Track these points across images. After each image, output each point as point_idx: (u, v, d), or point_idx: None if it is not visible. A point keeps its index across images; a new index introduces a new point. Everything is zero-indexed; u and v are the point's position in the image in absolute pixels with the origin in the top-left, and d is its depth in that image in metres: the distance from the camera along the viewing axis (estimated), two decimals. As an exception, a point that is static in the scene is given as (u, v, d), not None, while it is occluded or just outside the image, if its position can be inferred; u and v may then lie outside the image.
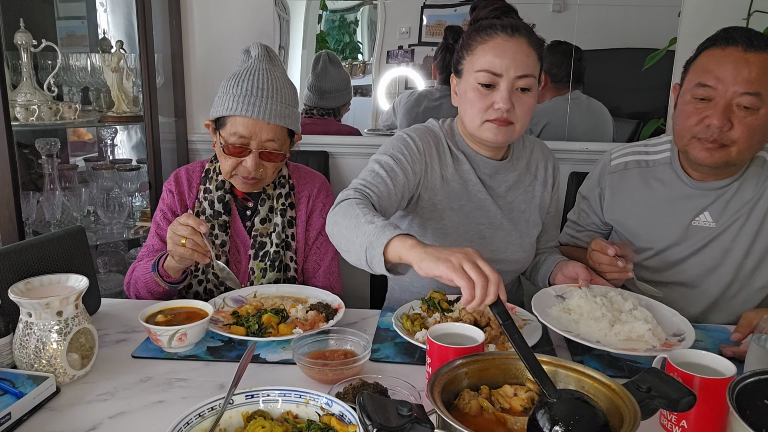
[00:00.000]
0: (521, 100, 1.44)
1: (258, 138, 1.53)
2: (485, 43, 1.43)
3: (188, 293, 1.65)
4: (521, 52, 1.41)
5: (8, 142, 1.84)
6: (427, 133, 1.55)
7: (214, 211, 1.64)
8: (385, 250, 1.11)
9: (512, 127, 1.46)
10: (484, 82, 1.42)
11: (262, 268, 1.64)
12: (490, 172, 1.59)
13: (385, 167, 1.44)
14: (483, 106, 1.44)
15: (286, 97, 1.56)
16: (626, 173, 1.68)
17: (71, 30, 2.63)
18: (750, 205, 1.55)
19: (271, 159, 1.57)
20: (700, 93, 1.45)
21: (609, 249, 1.46)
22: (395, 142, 1.52)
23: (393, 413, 0.77)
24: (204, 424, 0.94)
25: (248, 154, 1.54)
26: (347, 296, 1.58)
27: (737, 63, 1.39)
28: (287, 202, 1.68)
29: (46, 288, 1.20)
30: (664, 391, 0.88)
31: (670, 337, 1.31)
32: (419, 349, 1.31)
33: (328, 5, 2.83)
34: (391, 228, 1.13)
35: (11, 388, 1.07)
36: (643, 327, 1.28)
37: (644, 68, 2.38)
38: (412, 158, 1.48)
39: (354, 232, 1.19)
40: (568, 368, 0.96)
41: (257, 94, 1.52)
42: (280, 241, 1.65)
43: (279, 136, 1.55)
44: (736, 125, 1.42)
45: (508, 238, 1.60)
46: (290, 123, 1.57)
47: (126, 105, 2.28)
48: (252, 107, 1.51)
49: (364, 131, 2.79)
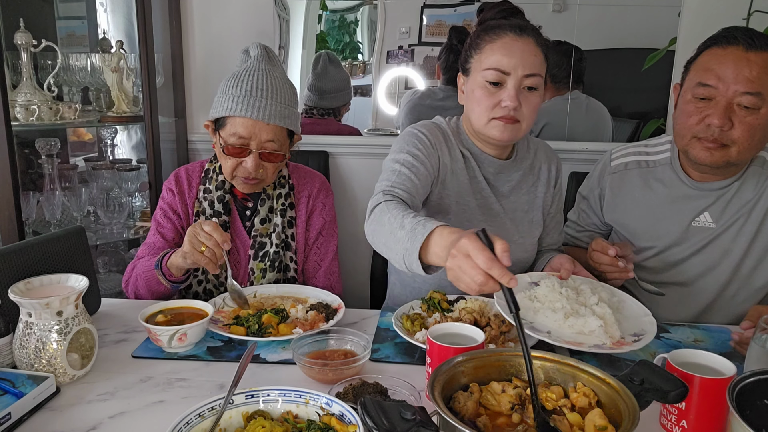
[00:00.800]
0: (528, 99, 1.45)
1: (257, 138, 1.52)
2: (493, 42, 1.44)
3: (188, 293, 1.65)
4: (529, 51, 1.43)
5: (8, 142, 1.84)
6: (435, 127, 1.56)
7: (214, 211, 1.64)
8: (421, 256, 1.10)
9: (518, 125, 1.46)
10: (492, 80, 1.44)
11: (261, 268, 1.64)
12: (495, 171, 1.59)
13: (406, 164, 1.44)
14: (490, 104, 1.45)
15: (285, 97, 1.56)
16: (626, 174, 1.68)
17: (71, 30, 2.63)
18: (750, 206, 1.55)
19: (271, 159, 1.57)
20: (700, 92, 1.44)
21: (610, 249, 1.45)
22: (407, 137, 1.52)
23: (396, 417, 0.77)
24: (204, 424, 0.94)
25: (248, 155, 1.54)
26: (347, 296, 1.58)
27: (738, 62, 1.39)
28: (287, 203, 1.68)
29: (46, 288, 1.20)
30: (656, 383, 0.90)
31: (629, 336, 1.26)
32: (419, 349, 1.31)
33: (328, 5, 2.83)
34: (419, 233, 1.10)
35: (11, 388, 1.07)
36: (595, 323, 1.23)
37: (644, 68, 2.38)
38: (427, 152, 1.49)
39: (391, 239, 1.19)
40: (567, 365, 0.97)
41: (256, 94, 1.51)
42: (279, 242, 1.65)
43: (278, 136, 1.55)
44: (736, 125, 1.41)
45: (510, 238, 1.60)
46: (290, 123, 1.57)
47: (126, 105, 2.28)
48: (251, 108, 1.51)
49: (364, 131, 2.79)
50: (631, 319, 1.34)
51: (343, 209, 2.42)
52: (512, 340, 1.35)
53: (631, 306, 1.39)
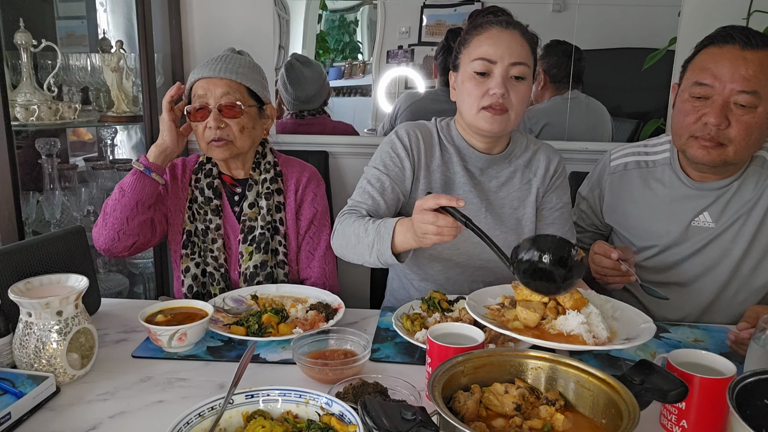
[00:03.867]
0: (516, 88, 1.48)
1: (213, 95, 1.59)
2: (480, 35, 1.50)
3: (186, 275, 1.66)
4: (515, 41, 1.47)
5: (8, 142, 1.83)
6: (416, 126, 1.62)
7: (205, 197, 1.67)
8: (393, 249, 1.34)
9: (507, 115, 1.49)
10: (479, 70, 1.48)
11: (249, 251, 1.65)
12: (482, 166, 1.61)
13: (372, 181, 1.55)
14: (479, 93, 1.48)
15: (244, 63, 1.64)
16: (626, 174, 1.68)
17: (71, 30, 2.63)
18: (750, 205, 1.55)
19: (232, 115, 1.60)
20: (697, 91, 1.45)
21: (612, 253, 1.44)
22: (384, 147, 1.60)
23: (397, 417, 0.77)
24: (204, 424, 0.94)
25: (209, 115, 1.59)
26: (347, 296, 1.58)
27: (734, 61, 1.39)
28: (273, 187, 1.70)
29: (46, 288, 1.20)
30: (656, 383, 0.90)
31: (618, 340, 1.13)
32: (419, 349, 1.31)
33: (328, 5, 2.83)
34: (385, 233, 1.34)
35: (11, 388, 1.07)
36: (576, 320, 1.10)
37: (644, 68, 2.38)
38: (400, 159, 1.57)
39: (359, 247, 1.40)
40: (566, 365, 0.97)
41: (216, 60, 1.62)
42: (265, 224, 1.66)
43: (235, 91, 1.60)
44: (733, 123, 1.41)
45: (492, 233, 1.55)
46: (246, 81, 1.62)
47: (126, 105, 2.28)
48: (207, 69, 1.60)
49: (363, 131, 2.79)
50: (627, 325, 1.19)
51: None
52: (512, 340, 1.34)
53: (627, 313, 1.25)
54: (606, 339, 1.10)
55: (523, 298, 1.16)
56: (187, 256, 1.66)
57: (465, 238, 1.57)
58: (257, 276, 1.64)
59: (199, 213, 1.67)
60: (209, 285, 1.66)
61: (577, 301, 1.14)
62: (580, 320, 1.10)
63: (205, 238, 1.66)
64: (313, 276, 1.71)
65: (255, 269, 1.64)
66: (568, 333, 1.10)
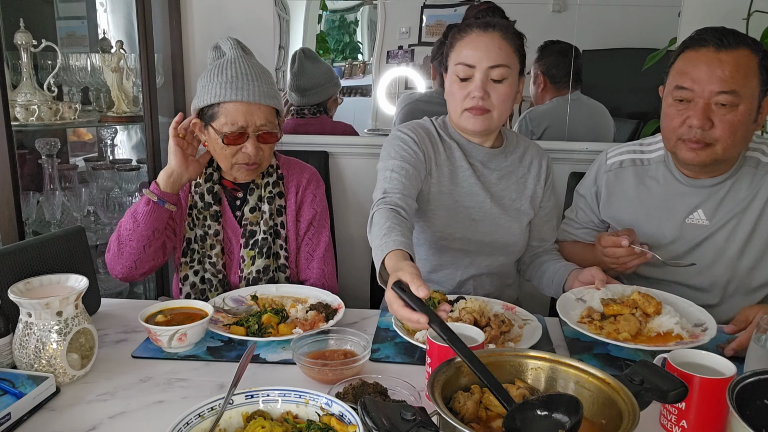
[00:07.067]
0: (496, 89, 1.54)
1: (253, 122, 1.55)
2: (462, 40, 1.56)
3: (185, 283, 1.66)
4: (494, 44, 1.52)
5: (8, 142, 1.83)
6: (417, 126, 1.67)
7: (205, 202, 1.66)
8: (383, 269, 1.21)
9: (489, 114, 1.56)
10: (461, 75, 1.55)
11: (251, 255, 1.65)
12: (483, 159, 1.67)
13: (396, 169, 1.53)
14: (461, 96, 1.56)
15: (267, 78, 1.61)
16: (621, 172, 1.70)
17: (71, 30, 2.62)
18: (743, 205, 1.56)
19: (268, 140, 1.59)
20: (679, 95, 1.48)
21: (623, 240, 1.47)
22: (392, 142, 1.62)
23: (397, 418, 0.77)
24: (204, 424, 0.94)
25: (246, 140, 1.56)
26: (347, 296, 1.58)
27: (710, 63, 1.42)
28: (275, 191, 1.69)
29: (46, 288, 1.20)
30: (656, 383, 0.90)
31: (693, 328, 1.32)
32: (419, 349, 1.31)
33: (328, 5, 2.83)
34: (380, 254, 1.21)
35: (11, 388, 1.07)
36: (671, 321, 1.30)
37: (644, 68, 2.38)
38: (414, 151, 1.59)
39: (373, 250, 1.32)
40: (566, 365, 0.97)
41: (244, 78, 1.54)
42: (268, 228, 1.66)
43: (270, 116, 1.58)
44: (717, 124, 1.44)
45: (498, 221, 1.67)
46: (277, 103, 1.61)
47: (126, 105, 2.28)
48: (242, 91, 1.53)
49: (363, 131, 2.78)
50: (683, 313, 1.38)
51: (343, 209, 2.42)
52: (512, 339, 1.35)
53: (675, 301, 1.44)
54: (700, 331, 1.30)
55: (611, 313, 1.35)
56: (186, 264, 1.65)
57: (457, 222, 1.63)
58: (260, 281, 1.64)
59: (198, 219, 1.66)
60: (208, 291, 1.65)
61: (657, 306, 1.34)
62: (675, 320, 1.29)
63: (204, 244, 1.66)
64: (312, 277, 1.71)
65: (258, 274, 1.64)
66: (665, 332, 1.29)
